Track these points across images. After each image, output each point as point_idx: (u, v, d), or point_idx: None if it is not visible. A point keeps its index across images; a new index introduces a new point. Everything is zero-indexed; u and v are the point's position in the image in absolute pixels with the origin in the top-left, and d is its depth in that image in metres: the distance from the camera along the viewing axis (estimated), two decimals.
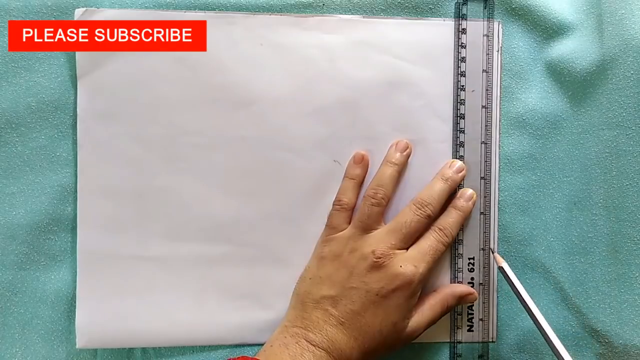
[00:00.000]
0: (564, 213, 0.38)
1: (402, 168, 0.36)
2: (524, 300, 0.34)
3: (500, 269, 0.36)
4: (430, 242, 0.34)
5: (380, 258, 0.33)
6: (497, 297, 0.38)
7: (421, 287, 0.34)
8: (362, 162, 0.36)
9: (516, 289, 0.34)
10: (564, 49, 0.38)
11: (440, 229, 0.35)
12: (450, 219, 0.35)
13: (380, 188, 0.35)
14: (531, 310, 0.33)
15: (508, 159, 0.38)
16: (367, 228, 0.34)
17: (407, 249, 0.34)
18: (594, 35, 0.37)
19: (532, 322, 0.38)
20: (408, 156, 0.37)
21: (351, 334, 0.32)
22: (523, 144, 0.38)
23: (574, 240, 0.38)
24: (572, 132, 0.38)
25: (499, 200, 0.38)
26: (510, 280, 0.35)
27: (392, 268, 0.33)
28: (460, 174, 0.36)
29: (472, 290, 0.36)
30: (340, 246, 0.34)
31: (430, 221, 0.35)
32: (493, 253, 0.37)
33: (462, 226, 0.37)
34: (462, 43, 0.37)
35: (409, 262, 0.33)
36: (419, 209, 0.34)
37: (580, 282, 0.38)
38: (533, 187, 0.38)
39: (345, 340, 0.32)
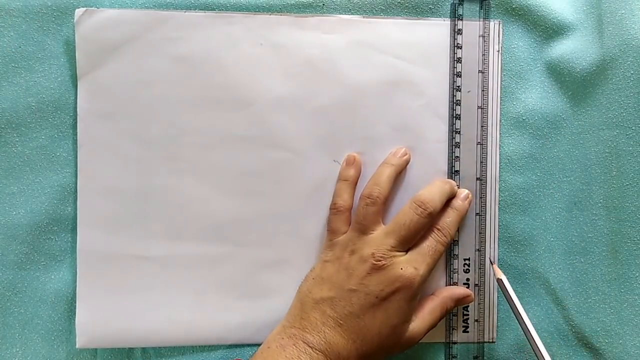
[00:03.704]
0: (564, 213, 0.38)
1: (399, 170, 0.36)
2: (520, 315, 0.34)
3: (499, 281, 0.36)
4: (429, 243, 0.34)
5: (379, 260, 0.32)
6: (498, 297, 0.38)
7: (421, 289, 0.34)
8: (354, 163, 0.36)
9: (513, 303, 0.34)
10: (564, 49, 0.38)
11: (438, 229, 0.35)
12: (448, 219, 0.35)
13: (376, 187, 0.35)
14: (527, 327, 0.33)
15: (508, 159, 0.38)
16: (365, 229, 0.34)
17: (406, 250, 0.34)
18: (594, 35, 0.37)
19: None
20: (407, 162, 0.37)
21: (349, 337, 0.32)
22: (523, 144, 0.38)
23: (574, 240, 0.38)
24: (572, 132, 0.38)
25: (499, 200, 0.38)
26: (508, 294, 0.35)
27: (392, 270, 0.32)
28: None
29: (469, 292, 0.36)
30: (341, 249, 0.34)
31: (430, 220, 0.34)
32: (492, 264, 0.37)
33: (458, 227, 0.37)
34: (457, 44, 0.37)
35: (410, 264, 0.33)
36: (419, 207, 0.34)
37: (580, 282, 0.38)
38: (533, 187, 0.38)
39: (343, 342, 0.31)
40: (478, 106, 0.37)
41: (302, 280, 0.35)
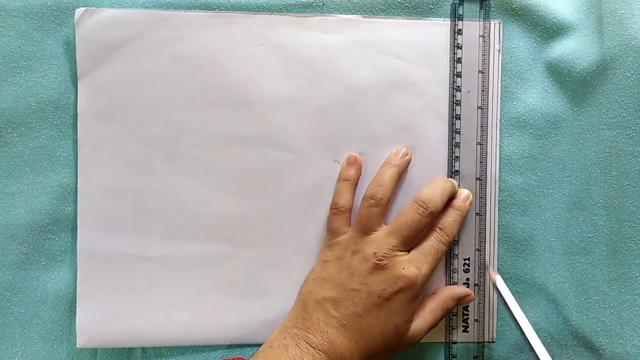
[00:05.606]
0: (564, 213, 0.38)
1: (401, 170, 0.36)
2: (517, 317, 0.34)
3: (494, 286, 0.36)
4: (431, 243, 0.34)
5: (381, 260, 0.32)
6: (497, 297, 0.38)
7: (424, 288, 0.34)
8: (355, 163, 0.36)
9: (509, 307, 0.35)
10: (564, 49, 0.38)
11: (440, 229, 0.35)
12: (450, 219, 0.35)
13: (379, 188, 0.35)
14: (522, 329, 0.34)
15: (508, 159, 0.38)
16: (367, 230, 0.34)
17: (409, 249, 0.34)
18: (594, 35, 0.37)
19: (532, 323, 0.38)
20: (408, 162, 0.37)
21: (352, 337, 0.31)
22: (523, 144, 0.38)
23: (574, 240, 0.38)
24: (572, 132, 0.38)
25: (499, 200, 0.38)
26: (503, 299, 0.35)
27: (394, 270, 0.32)
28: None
29: (469, 291, 0.36)
30: (342, 249, 0.34)
31: (432, 219, 0.34)
32: (488, 269, 0.37)
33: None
34: (458, 44, 0.37)
35: (412, 264, 0.33)
36: (421, 206, 0.34)
37: (580, 282, 0.38)
38: (533, 187, 0.38)
39: (345, 343, 0.31)
40: (478, 106, 0.37)
41: (302, 282, 0.35)
